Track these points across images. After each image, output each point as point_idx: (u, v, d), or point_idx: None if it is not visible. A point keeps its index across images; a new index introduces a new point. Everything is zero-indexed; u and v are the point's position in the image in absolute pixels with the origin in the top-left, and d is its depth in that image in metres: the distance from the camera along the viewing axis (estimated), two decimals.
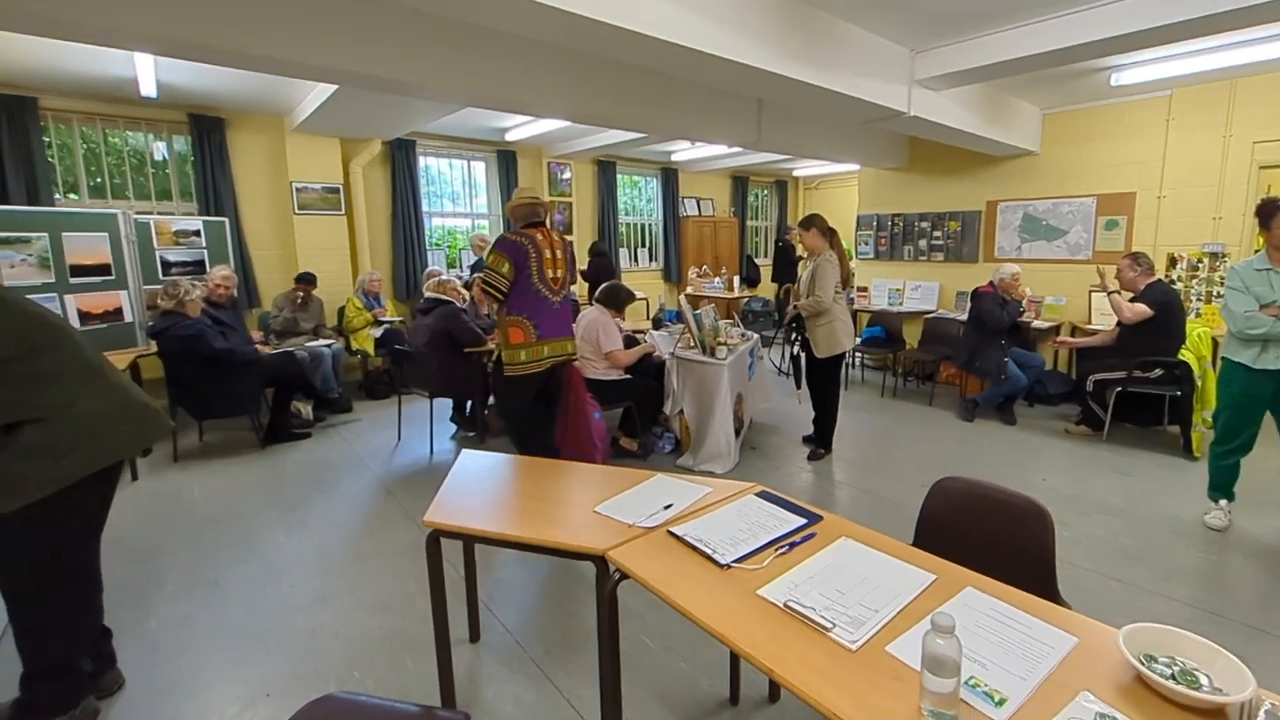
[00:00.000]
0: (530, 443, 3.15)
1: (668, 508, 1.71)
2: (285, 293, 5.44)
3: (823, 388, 4.14)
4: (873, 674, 1.08)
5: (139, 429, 1.86)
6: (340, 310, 5.86)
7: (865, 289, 7.16)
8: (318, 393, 4.94)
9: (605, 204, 8.38)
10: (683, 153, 8.08)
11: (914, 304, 6.74)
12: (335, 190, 6.12)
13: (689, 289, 8.49)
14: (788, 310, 4.23)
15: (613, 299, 4.16)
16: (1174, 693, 0.98)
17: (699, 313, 4.07)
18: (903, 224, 6.98)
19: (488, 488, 1.98)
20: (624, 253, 9.01)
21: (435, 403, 4.42)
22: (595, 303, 4.22)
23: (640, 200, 9.38)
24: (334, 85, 4.33)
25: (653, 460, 4.05)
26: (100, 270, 4.53)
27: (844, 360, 4.17)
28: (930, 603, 1.26)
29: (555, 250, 3.06)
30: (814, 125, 5.46)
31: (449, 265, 7.44)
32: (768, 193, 11.15)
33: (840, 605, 1.26)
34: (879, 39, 3.79)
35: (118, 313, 4.64)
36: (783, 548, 1.50)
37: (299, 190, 5.91)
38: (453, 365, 4.12)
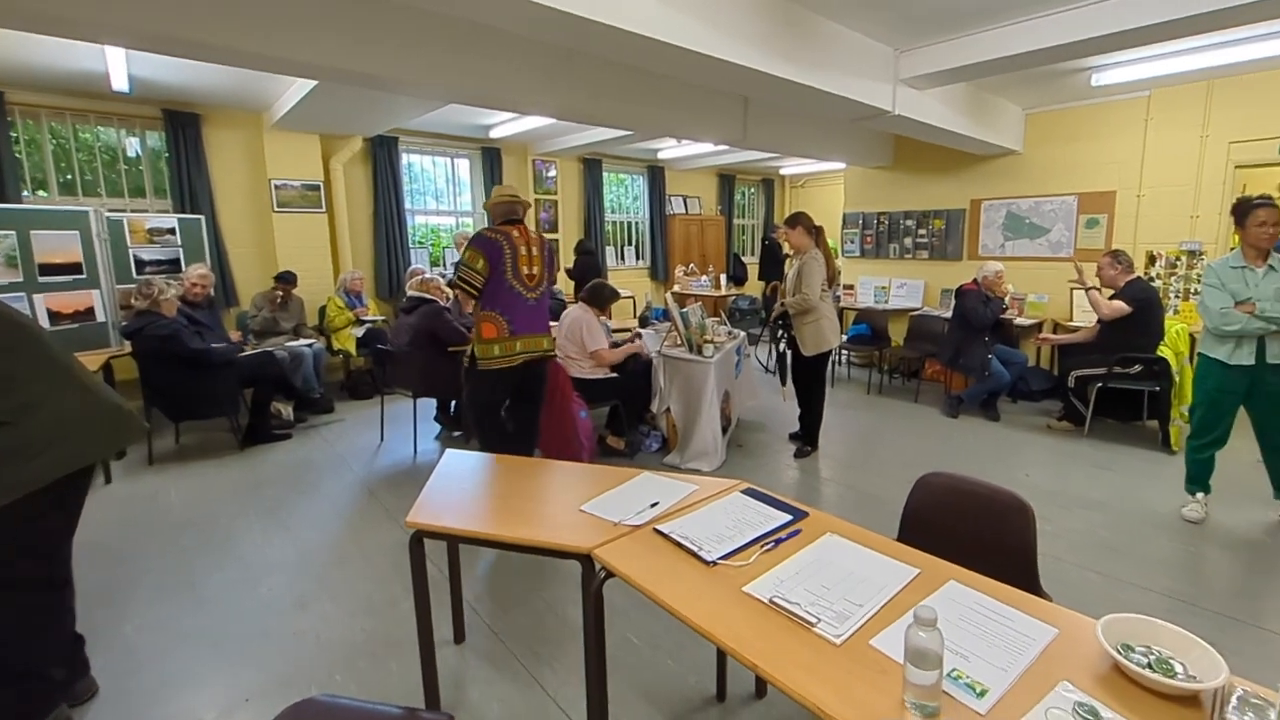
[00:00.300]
0: (493, 439, 3.17)
1: (654, 506, 1.71)
2: (264, 292, 5.36)
3: (809, 385, 4.15)
4: (857, 668, 1.08)
5: (111, 431, 1.82)
6: (321, 309, 5.78)
7: (851, 287, 7.20)
8: (298, 393, 4.87)
9: (591, 202, 8.36)
10: (669, 151, 8.08)
11: (899, 302, 6.79)
12: (315, 188, 6.03)
13: (676, 287, 8.49)
14: (774, 308, 4.25)
15: (596, 297, 4.14)
16: (1150, 681, 1.00)
17: (686, 311, 4.07)
18: (888, 222, 7.03)
19: (472, 487, 1.97)
20: (610, 251, 8.99)
21: (419, 402, 4.37)
22: (579, 301, 4.21)
23: (627, 198, 9.36)
24: (313, 81, 4.27)
25: (640, 459, 4.04)
26: (71, 269, 4.43)
27: (830, 358, 4.19)
28: (914, 597, 1.26)
29: (531, 247, 3.08)
30: (800, 124, 5.47)
31: (432, 264, 7.37)
32: (754, 191, 11.18)
33: (825, 600, 1.27)
34: (864, 38, 3.81)
35: (89, 312, 4.54)
36: (768, 544, 1.50)
37: (278, 188, 5.82)
38: (436, 364, 4.08)
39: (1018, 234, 6.06)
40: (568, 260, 7.70)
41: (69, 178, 5.18)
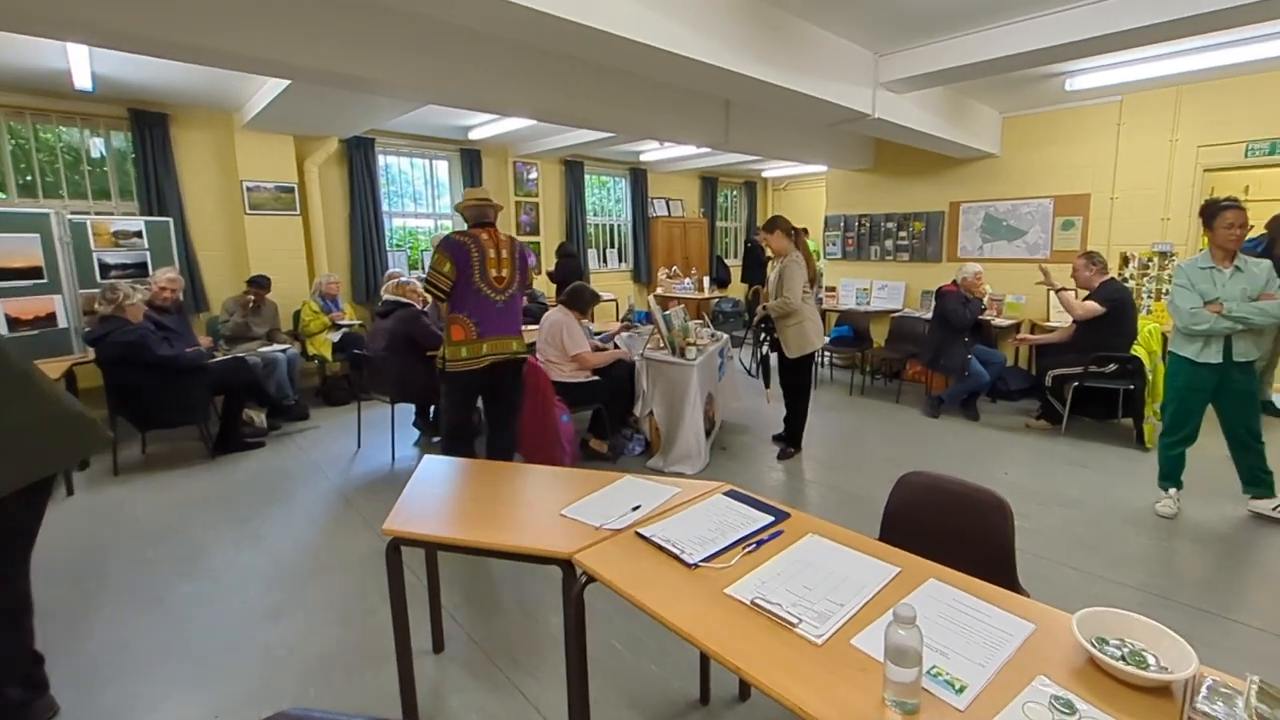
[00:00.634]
0: (458, 441, 3.21)
1: (636, 509, 1.70)
2: (236, 296, 5.23)
3: (794, 387, 4.17)
4: (838, 667, 1.08)
5: (73, 440, 1.76)
6: (296, 314, 5.66)
7: (833, 289, 7.26)
8: (272, 400, 4.76)
9: (573, 204, 8.33)
10: (651, 153, 8.09)
11: (881, 303, 6.86)
12: (289, 189, 5.92)
13: (659, 290, 8.50)
14: (756, 311, 4.26)
15: (576, 300, 4.11)
16: (1123, 673, 1.01)
17: (668, 313, 4.06)
18: (869, 224, 7.11)
19: (450, 493, 1.94)
20: (593, 253, 8.97)
21: (397, 408, 4.31)
22: (558, 304, 4.18)
23: (609, 201, 9.36)
24: (286, 81, 4.19)
25: (623, 462, 4.03)
26: (31, 273, 4.29)
27: (814, 359, 4.21)
28: (894, 595, 1.27)
29: (501, 250, 3.11)
30: (782, 127, 5.51)
31: (410, 267, 7.28)
32: (737, 193, 11.24)
33: (807, 601, 1.27)
34: (844, 42, 3.84)
35: (50, 318, 4.41)
36: (750, 546, 1.50)
37: (250, 189, 5.70)
38: (414, 369, 4.01)
39: (996, 236, 6.16)
40: (549, 263, 7.67)
41: (29, 179, 5.03)
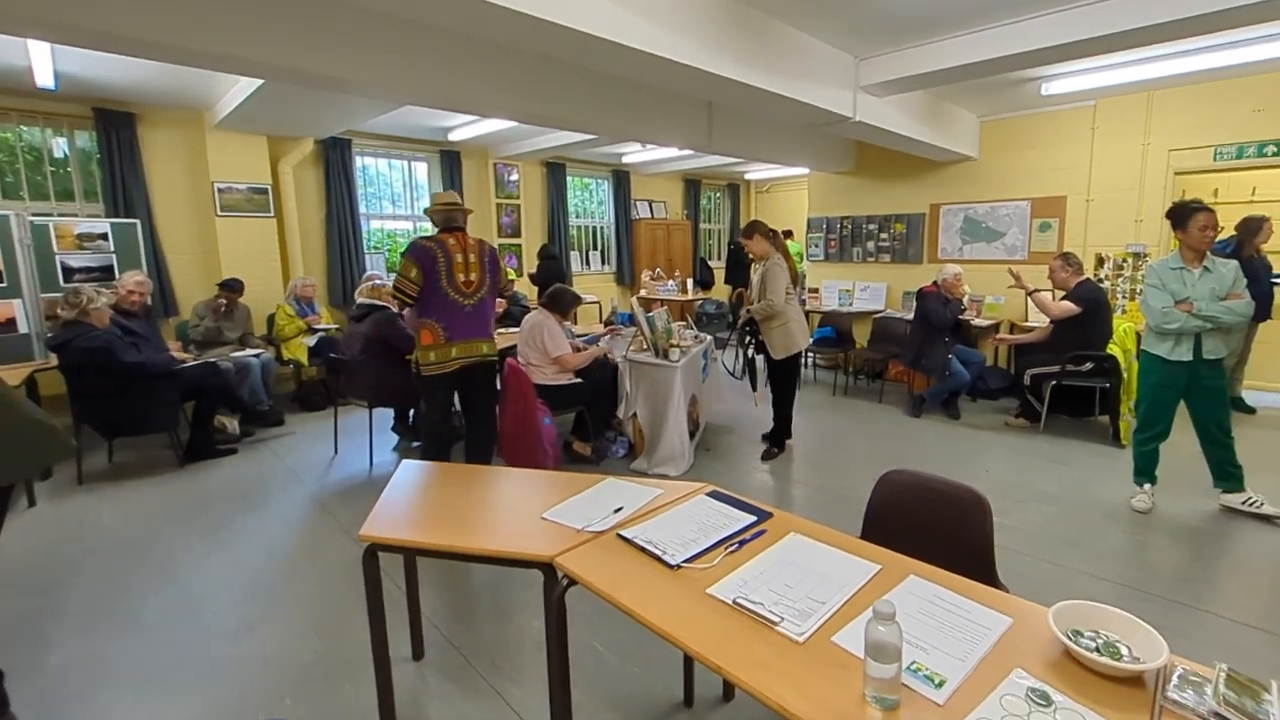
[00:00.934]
0: (436, 442, 3.29)
1: (618, 511, 1.69)
2: (207, 300, 5.08)
3: (780, 387, 4.19)
4: (819, 664, 1.09)
5: (34, 450, 1.71)
6: (270, 318, 5.57)
7: (816, 290, 7.31)
8: (245, 405, 4.65)
9: (555, 206, 8.31)
10: (634, 155, 8.10)
11: (863, 304, 6.92)
12: (263, 191, 5.80)
13: (642, 292, 8.50)
14: (740, 314, 4.28)
15: (556, 302, 4.09)
16: (1098, 664, 1.03)
17: (651, 315, 4.07)
18: (851, 226, 7.17)
19: (429, 498, 1.91)
20: (575, 256, 8.95)
21: (375, 412, 4.25)
22: (539, 307, 4.16)
23: (591, 203, 9.35)
24: (259, 80, 4.12)
25: (606, 464, 4.02)
26: None
27: (800, 359, 4.23)
28: (875, 592, 1.27)
29: (469, 255, 3.14)
30: (764, 129, 5.55)
31: (389, 270, 7.21)
32: (720, 196, 11.29)
33: (788, 599, 1.27)
34: (825, 45, 3.88)
35: (10, 324, 4.30)
36: (733, 546, 1.50)
37: (221, 191, 5.58)
38: (391, 373, 3.95)
39: (975, 237, 6.24)
40: (531, 266, 7.64)
41: None
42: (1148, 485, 3.34)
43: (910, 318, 5.55)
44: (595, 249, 9.37)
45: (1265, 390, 5.46)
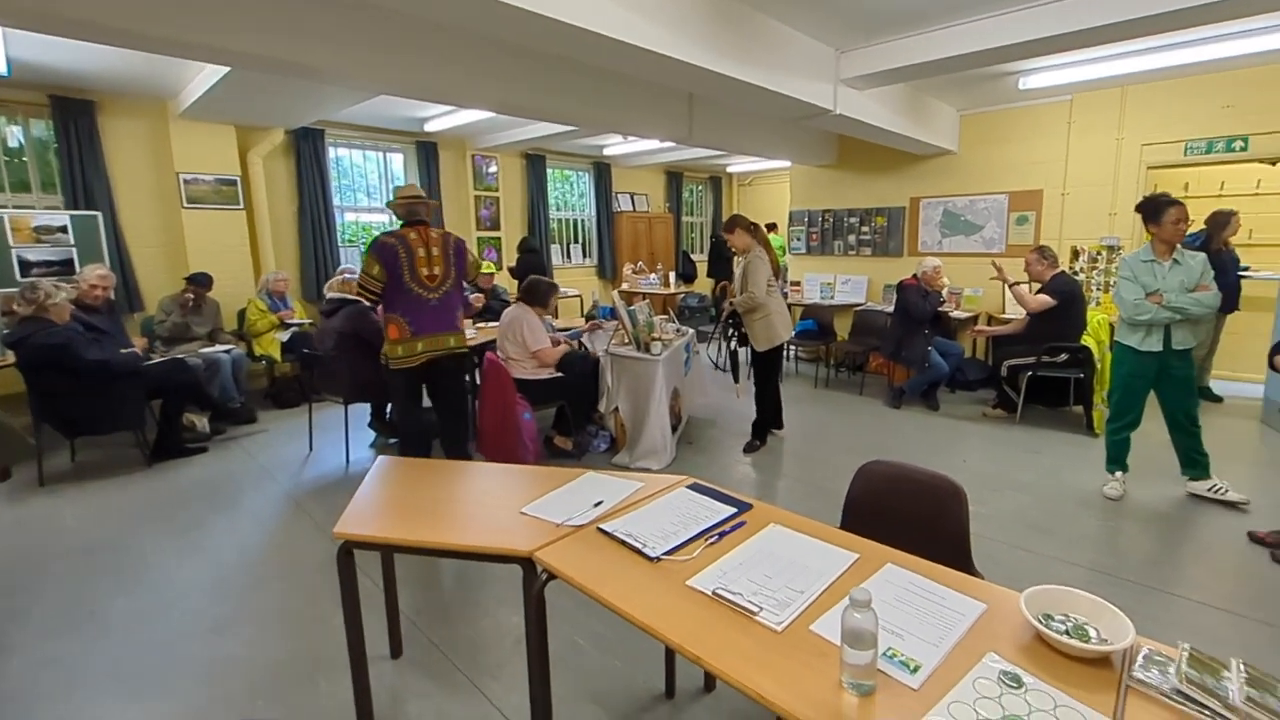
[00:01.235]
0: (412, 437, 3.34)
1: (598, 505, 1.68)
2: (173, 294, 4.94)
3: (763, 380, 4.21)
4: (797, 653, 1.10)
5: None
6: (240, 313, 5.43)
7: (798, 283, 7.35)
8: (215, 403, 4.54)
9: (535, 199, 8.23)
10: (615, 147, 8.05)
11: (844, 297, 6.97)
12: (231, 182, 5.64)
13: (624, 285, 8.47)
14: (723, 307, 4.29)
15: (532, 294, 4.05)
16: (1067, 646, 1.06)
17: (633, 309, 4.05)
18: (833, 220, 7.21)
19: (406, 494, 1.88)
20: (556, 249, 8.89)
21: (352, 409, 4.16)
22: (516, 300, 4.12)
23: (572, 195, 9.29)
24: (226, 67, 3.98)
25: (588, 459, 4.01)
26: None
27: (783, 351, 4.25)
28: (853, 581, 1.29)
29: (432, 248, 3.15)
30: (745, 122, 5.54)
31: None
32: (703, 189, 11.28)
33: (768, 589, 1.28)
34: (806, 38, 3.88)
35: None
36: (713, 537, 1.50)
37: (187, 182, 5.41)
38: (366, 367, 3.84)
39: (954, 231, 6.31)
40: (510, 259, 7.56)
41: None
42: (1119, 473, 3.41)
43: (891, 310, 5.61)
44: (576, 242, 9.31)
45: (1232, 380, 5.61)
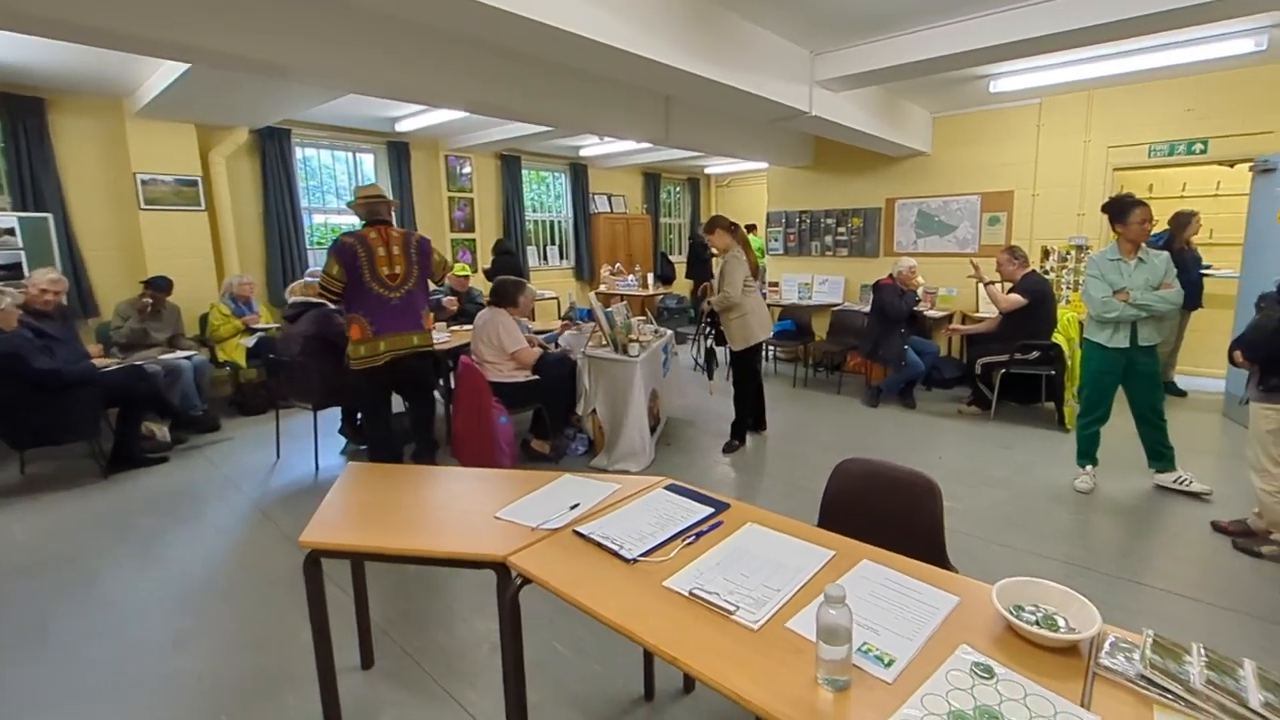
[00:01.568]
0: (381, 441, 3.34)
1: (574, 508, 1.67)
2: (130, 299, 4.76)
3: (742, 379, 4.22)
4: (773, 650, 1.09)
5: None
6: (203, 318, 5.27)
7: (776, 284, 7.39)
8: (176, 411, 4.39)
9: (510, 200, 8.16)
10: (591, 148, 8.03)
11: (822, 297, 7.02)
12: (192, 183, 5.46)
13: (602, 287, 8.45)
14: (702, 307, 4.30)
15: (502, 296, 3.99)
16: (1037, 636, 1.07)
17: (610, 310, 4.03)
18: (810, 221, 7.27)
19: (376, 500, 1.83)
20: (532, 250, 8.83)
21: (321, 415, 4.05)
22: (488, 304, 4.07)
23: (549, 196, 9.24)
24: (184, 64, 3.86)
25: (566, 462, 3.98)
26: None
27: (761, 351, 4.26)
28: (829, 578, 1.29)
29: (392, 247, 3.18)
30: (722, 123, 5.56)
31: None
32: (680, 190, 11.31)
33: (744, 588, 1.27)
34: (781, 40, 3.90)
35: None
36: (690, 538, 1.50)
37: (145, 183, 5.23)
38: (334, 371, 3.75)
39: (929, 231, 6.41)
40: (485, 261, 7.49)
41: None
42: (1090, 467, 3.49)
43: (867, 310, 5.67)
44: (553, 244, 9.27)
45: (1196, 375, 5.76)
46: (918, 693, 0.97)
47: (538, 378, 3.93)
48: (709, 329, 4.32)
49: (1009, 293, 4.68)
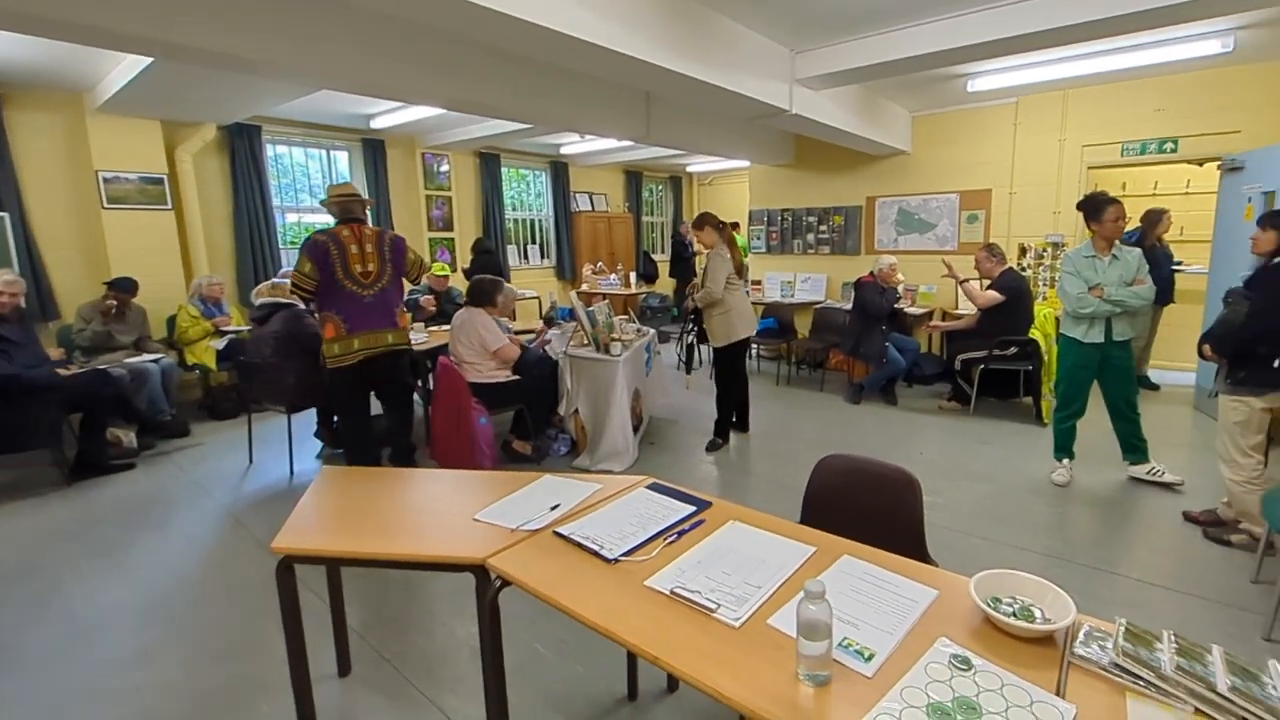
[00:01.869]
0: (357, 442, 3.34)
1: (554, 508, 1.65)
2: (93, 301, 4.61)
3: (724, 377, 4.22)
4: (755, 648, 1.09)
5: None
6: (170, 320, 5.14)
7: (759, 282, 7.42)
8: (142, 416, 4.27)
9: (490, 199, 8.07)
10: (572, 146, 7.98)
11: (804, 295, 7.06)
12: (158, 181, 5.30)
13: (584, 286, 8.41)
14: (686, 305, 4.30)
15: (479, 295, 3.94)
16: (1014, 627, 1.09)
17: (592, 309, 4.01)
18: (791, 219, 7.31)
19: (352, 504, 1.80)
20: (513, 249, 8.75)
21: (295, 418, 3.95)
22: (465, 304, 4.02)
23: (529, 195, 9.17)
24: (147, 58, 3.75)
25: (548, 463, 3.95)
26: None
27: (745, 349, 4.27)
28: (810, 574, 1.29)
29: (365, 245, 3.17)
30: (703, 121, 5.56)
31: None
32: (662, 188, 11.31)
33: (726, 586, 1.27)
34: (761, 38, 3.91)
35: None
36: (671, 537, 1.49)
37: (108, 181, 5.06)
38: (308, 372, 3.70)
39: (909, 229, 6.47)
40: (464, 260, 7.41)
41: None
42: (1066, 460, 3.54)
43: (849, 308, 5.71)
44: (534, 243, 9.20)
45: (1168, 369, 5.89)
46: (897, 686, 0.97)
47: (519, 378, 3.89)
48: (691, 325, 4.32)
49: (987, 289, 4.74)
